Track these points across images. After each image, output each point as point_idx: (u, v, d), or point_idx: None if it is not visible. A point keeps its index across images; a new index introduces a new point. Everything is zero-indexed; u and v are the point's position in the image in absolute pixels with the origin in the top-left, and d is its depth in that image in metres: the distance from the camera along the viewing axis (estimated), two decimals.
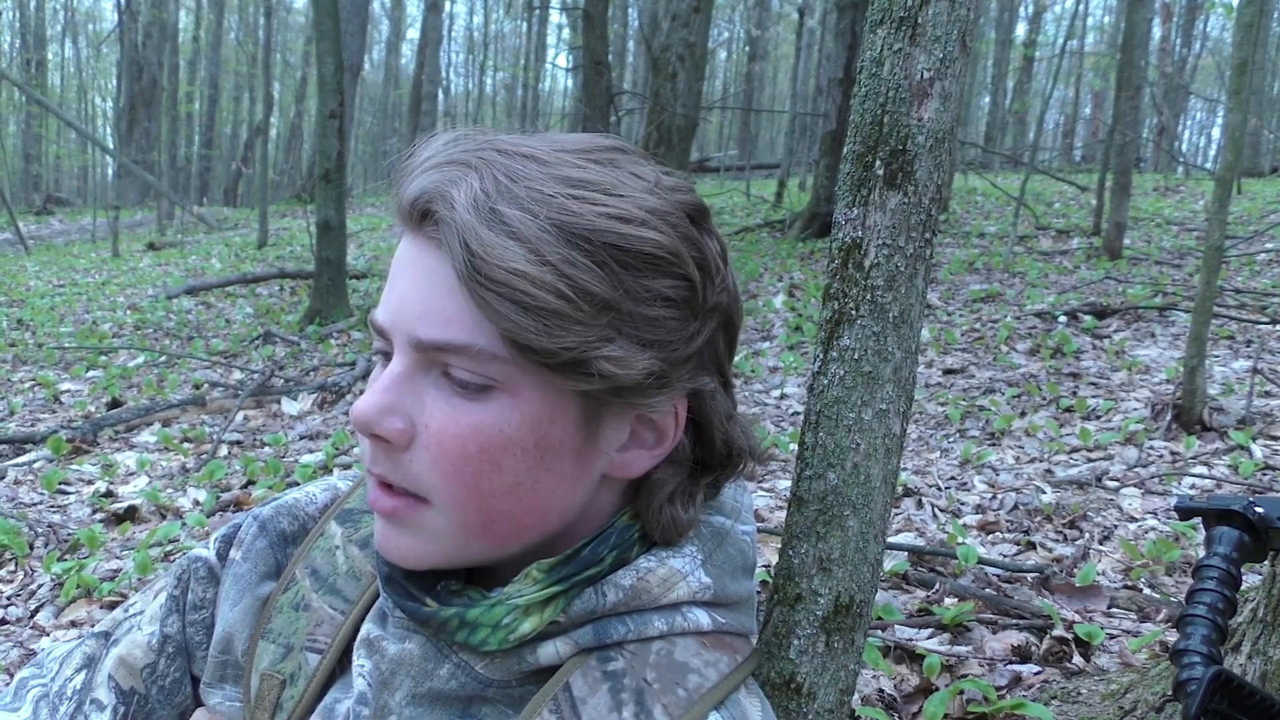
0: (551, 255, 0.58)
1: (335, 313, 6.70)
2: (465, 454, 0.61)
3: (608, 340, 0.60)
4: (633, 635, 0.65)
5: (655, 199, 0.62)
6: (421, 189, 0.61)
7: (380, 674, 0.67)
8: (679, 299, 0.63)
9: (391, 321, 0.62)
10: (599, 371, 0.60)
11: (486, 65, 31.13)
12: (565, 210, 0.59)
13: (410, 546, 0.64)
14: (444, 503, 0.62)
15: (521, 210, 0.58)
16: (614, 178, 0.62)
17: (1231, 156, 3.20)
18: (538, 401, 0.61)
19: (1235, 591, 0.69)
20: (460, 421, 0.61)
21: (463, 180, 0.59)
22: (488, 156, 0.61)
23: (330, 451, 3.64)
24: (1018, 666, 1.80)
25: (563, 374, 0.60)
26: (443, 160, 0.61)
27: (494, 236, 0.57)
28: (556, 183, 0.60)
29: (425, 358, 0.61)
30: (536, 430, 0.62)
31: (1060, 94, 25.04)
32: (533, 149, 0.62)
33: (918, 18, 0.81)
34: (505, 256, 0.57)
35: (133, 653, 0.79)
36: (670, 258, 0.62)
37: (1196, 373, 3.28)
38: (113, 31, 19.89)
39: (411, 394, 0.62)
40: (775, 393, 4.46)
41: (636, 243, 0.60)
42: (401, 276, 0.63)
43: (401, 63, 35.01)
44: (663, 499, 0.68)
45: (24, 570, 2.63)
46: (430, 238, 0.61)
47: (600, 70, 8.12)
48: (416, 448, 0.62)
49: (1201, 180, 12.94)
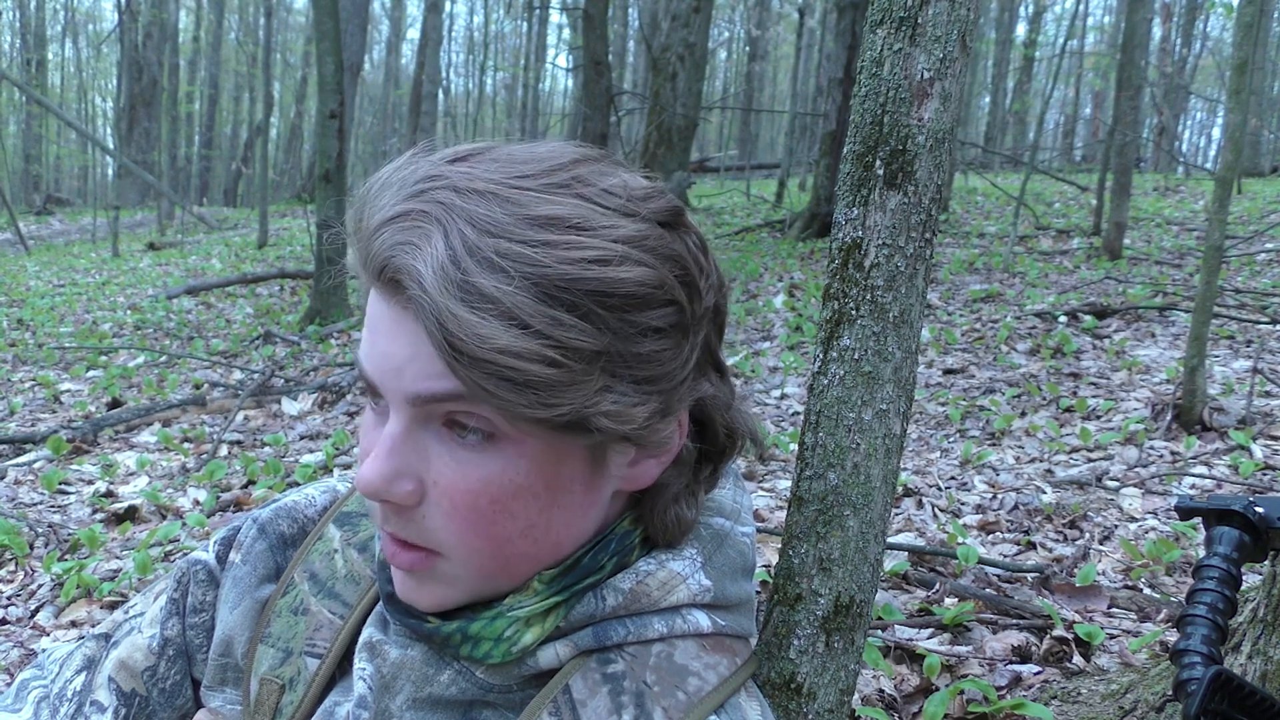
0: (534, 320, 0.54)
1: (335, 313, 6.70)
2: (477, 507, 0.60)
3: (605, 391, 0.57)
4: (632, 637, 0.65)
5: (630, 223, 0.59)
6: (385, 256, 0.57)
7: (381, 678, 0.67)
8: (669, 326, 0.60)
9: (381, 379, 0.60)
10: (598, 428, 0.58)
11: (487, 65, 31.14)
12: (538, 264, 0.55)
13: (432, 594, 0.64)
14: (460, 554, 0.62)
15: (494, 272, 0.54)
16: (582, 209, 0.58)
17: (1231, 156, 3.20)
18: (542, 447, 0.60)
19: (1235, 591, 0.69)
20: (469, 476, 0.60)
21: (425, 244, 0.55)
22: (446, 200, 0.57)
23: (330, 451, 3.64)
24: (1018, 666, 1.80)
25: (562, 432, 0.59)
26: (400, 210, 0.57)
27: (470, 315, 0.54)
28: (524, 226, 0.56)
29: (423, 411, 0.59)
30: (544, 473, 0.61)
31: (1060, 94, 25.05)
32: (490, 183, 0.58)
33: (918, 18, 0.81)
34: (485, 334, 0.54)
35: (133, 655, 0.79)
36: (655, 291, 0.58)
37: (1197, 373, 3.28)
38: (113, 31, 19.89)
39: (415, 452, 0.60)
40: (775, 393, 4.46)
41: (617, 285, 0.57)
42: (380, 334, 0.60)
43: (401, 63, 35.03)
44: (667, 501, 0.67)
45: (24, 570, 2.63)
46: (404, 307, 0.58)
47: (600, 70, 8.12)
48: (428, 504, 0.61)
49: (1201, 180, 12.94)
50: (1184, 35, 20.86)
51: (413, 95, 19.04)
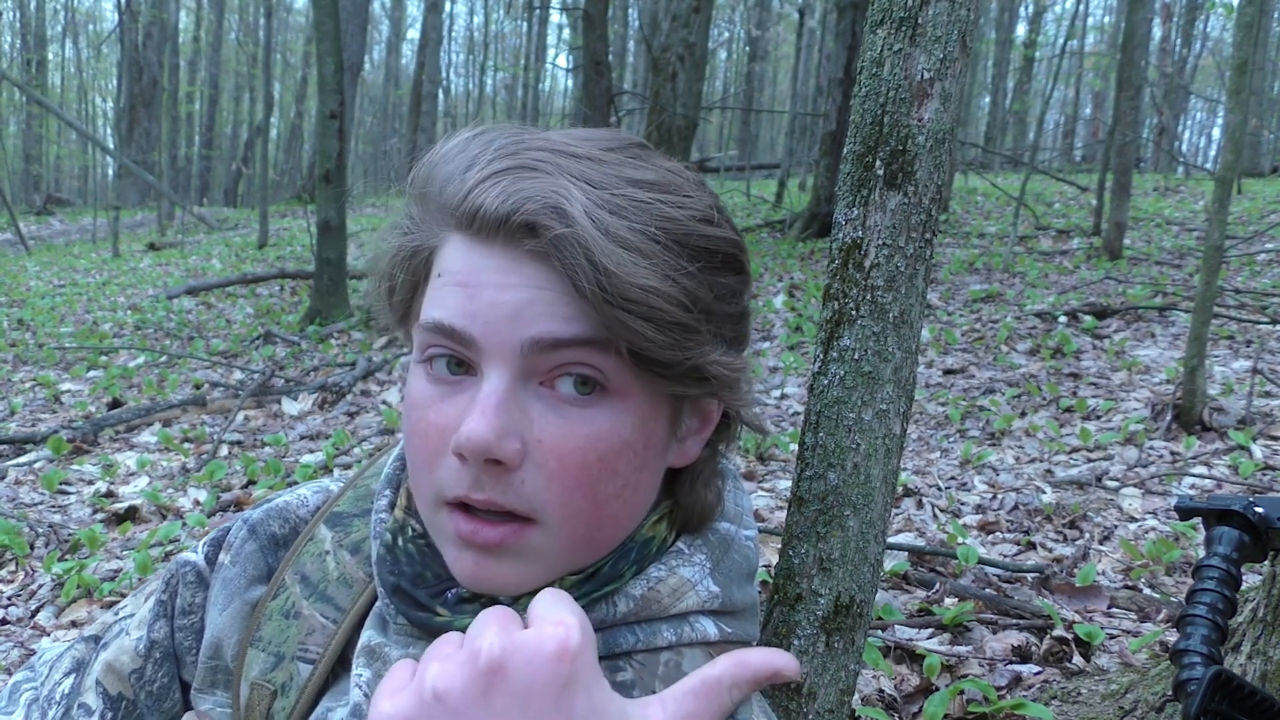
0: (668, 266, 0.56)
1: (336, 313, 6.70)
2: (586, 464, 0.59)
3: (712, 344, 0.60)
4: (641, 645, 0.65)
5: (706, 195, 0.62)
6: (519, 200, 0.56)
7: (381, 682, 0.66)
8: (743, 292, 0.64)
9: (484, 330, 0.58)
10: (713, 375, 0.59)
11: (487, 65, 31.14)
12: (663, 216, 0.57)
13: (513, 573, 0.61)
14: (558, 518, 0.60)
15: (626, 220, 0.56)
16: (667, 176, 0.61)
17: (1231, 156, 3.20)
18: (646, 403, 0.60)
19: (1235, 591, 0.69)
20: (577, 433, 0.58)
21: (564, 190, 0.56)
22: (548, 159, 0.58)
23: (330, 452, 3.64)
24: (1018, 666, 1.80)
25: (675, 381, 0.59)
26: (505, 165, 0.58)
27: (621, 252, 0.55)
28: (627, 185, 0.58)
29: (529, 364, 0.58)
30: (645, 430, 0.61)
31: (1060, 94, 25.04)
32: (582, 150, 0.59)
33: (918, 18, 0.81)
34: (637, 273, 0.55)
35: (120, 658, 0.78)
36: (740, 255, 0.62)
37: (1196, 373, 3.28)
38: (113, 32, 19.89)
39: (519, 410, 0.58)
40: (775, 393, 4.46)
41: (720, 243, 0.60)
42: (488, 285, 0.58)
43: (402, 63, 35.03)
44: (703, 480, 0.68)
45: (24, 570, 2.63)
46: (531, 250, 0.57)
47: (600, 70, 8.12)
48: (528, 466, 0.59)
49: (1201, 180, 12.94)
50: (1184, 35, 20.86)
51: (413, 95, 19.04)
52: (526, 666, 0.45)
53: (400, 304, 0.67)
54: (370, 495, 0.78)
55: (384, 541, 0.70)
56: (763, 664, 0.48)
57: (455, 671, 0.46)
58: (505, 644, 0.45)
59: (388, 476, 0.75)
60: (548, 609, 0.48)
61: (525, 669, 0.45)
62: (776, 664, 0.48)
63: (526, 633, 0.46)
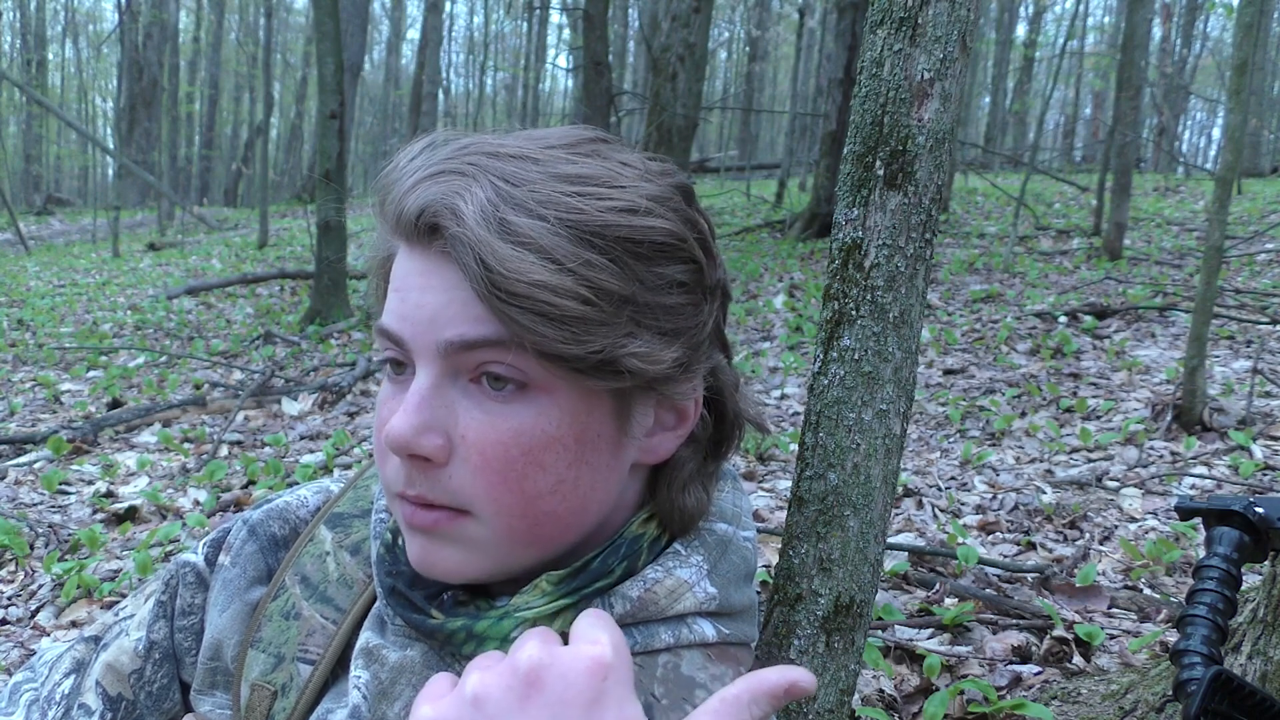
0: (567, 259, 0.57)
1: (336, 313, 6.70)
2: (509, 459, 0.60)
3: (631, 336, 0.60)
4: (639, 648, 0.65)
5: (652, 185, 0.62)
6: (424, 202, 0.59)
7: (379, 684, 0.66)
8: (690, 282, 0.63)
9: (411, 332, 0.60)
10: (628, 369, 0.60)
11: (487, 65, 31.12)
12: (572, 209, 0.58)
13: (454, 559, 0.63)
14: (488, 512, 0.61)
15: (530, 216, 0.57)
16: (608, 169, 0.61)
17: (1231, 157, 3.20)
18: (575, 397, 0.61)
19: (1235, 592, 0.69)
20: (499, 427, 0.60)
21: (465, 191, 0.58)
22: (479, 162, 0.59)
23: (330, 451, 3.64)
24: (1018, 667, 1.80)
25: (593, 375, 0.59)
26: (434, 170, 0.60)
27: (508, 249, 0.56)
28: (556, 181, 0.59)
29: (452, 364, 0.60)
30: (575, 424, 0.61)
31: (1060, 94, 25.05)
32: (520, 149, 0.61)
33: (918, 18, 0.81)
34: (523, 269, 0.56)
35: (120, 658, 0.78)
36: (678, 243, 0.62)
37: (1197, 373, 3.28)
38: (113, 32, 19.90)
39: (444, 406, 0.60)
40: (775, 393, 4.46)
41: (646, 233, 0.60)
42: (412, 288, 0.61)
43: (402, 63, 35.03)
44: (683, 481, 0.68)
45: (24, 570, 2.63)
46: (440, 252, 0.59)
47: (600, 70, 8.12)
48: (455, 461, 0.60)
49: (1201, 180, 12.94)
50: (1184, 35, 20.85)
51: (413, 95, 19.04)
52: (561, 679, 0.46)
53: (379, 311, 0.68)
54: (370, 496, 0.79)
55: (384, 541, 0.70)
56: (779, 680, 0.48)
57: (495, 680, 0.47)
58: (543, 656, 0.47)
59: None
60: (587, 628, 0.49)
61: (560, 681, 0.46)
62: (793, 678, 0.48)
63: (565, 648, 0.48)
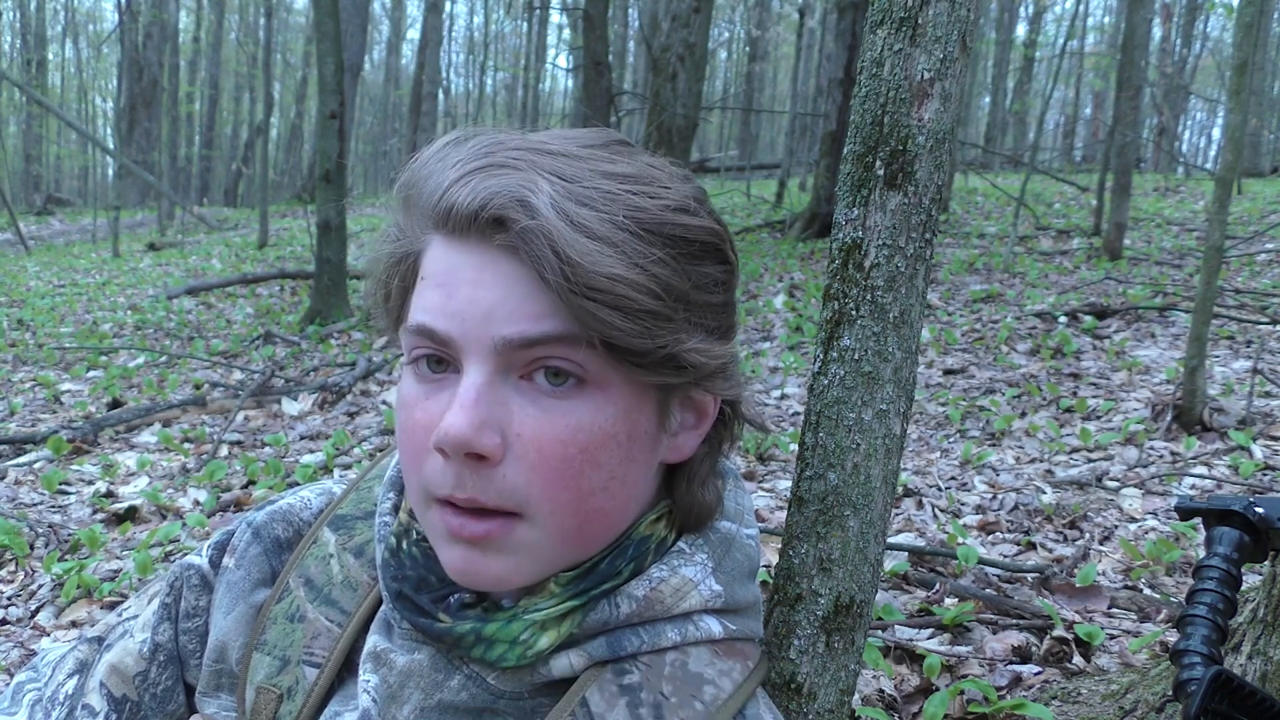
0: (635, 255, 0.57)
1: (336, 313, 6.70)
2: (567, 456, 0.59)
3: (687, 333, 0.60)
4: (646, 647, 0.65)
5: (688, 185, 0.63)
6: (486, 195, 0.57)
7: (388, 688, 0.66)
8: (726, 282, 0.64)
9: (462, 329, 0.59)
10: (689, 364, 0.60)
11: (487, 65, 31.11)
12: (633, 206, 0.58)
13: (504, 568, 0.61)
14: (543, 512, 0.60)
15: (595, 211, 0.57)
16: (648, 169, 0.62)
17: (1231, 157, 3.20)
18: (628, 394, 0.61)
19: (1235, 592, 0.69)
20: (557, 424, 0.59)
21: (531, 184, 0.57)
22: (525, 157, 0.59)
23: (330, 452, 3.64)
24: (1018, 667, 1.80)
25: (653, 371, 0.59)
26: (480, 164, 0.59)
27: (587, 242, 0.56)
28: (606, 179, 0.59)
29: (505, 360, 0.59)
30: (628, 421, 0.61)
31: (1060, 94, 25.04)
32: (561, 146, 0.61)
33: (918, 18, 0.81)
34: (602, 262, 0.56)
35: (124, 660, 0.78)
36: (720, 243, 0.63)
37: (1196, 373, 3.28)
38: (113, 32, 19.89)
39: (498, 404, 0.59)
40: (775, 393, 4.46)
41: (696, 232, 0.61)
42: (463, 282, 0.59)
43: (402, 63, 35.02)
44: (700, 478, 0.68)
45: (24, 570, 2.63)
46: (502, 245, 0.58)
47: (600, 70, 8.12)
48: (510, 460, 0.59)
49: (1201, 180, 12.94)
50: (1184, 35, 20.85)
51: (413, 95, 19.04)
52: None
53: (394, 309, 0.67)
54: (373, 498, 0.78)
55: (388, 545, 0.70)
56: None
57: None
58: None
59: (391, 479, 0.75)
60: None
61: None
62: None
63: None
